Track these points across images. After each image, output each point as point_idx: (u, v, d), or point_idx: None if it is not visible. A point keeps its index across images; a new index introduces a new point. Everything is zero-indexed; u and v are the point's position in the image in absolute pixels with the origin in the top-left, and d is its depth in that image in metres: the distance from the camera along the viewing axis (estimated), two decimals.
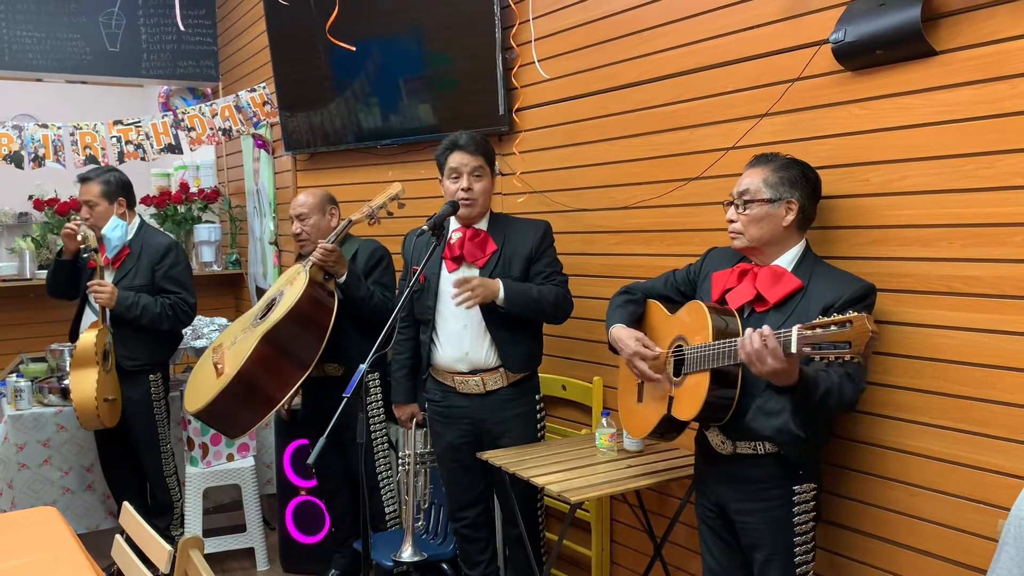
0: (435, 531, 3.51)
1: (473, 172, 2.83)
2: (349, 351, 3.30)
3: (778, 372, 1.86)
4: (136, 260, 3.68)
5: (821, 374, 1.96)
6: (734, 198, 2.19)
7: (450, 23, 3.60)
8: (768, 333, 1.85)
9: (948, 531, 2.10)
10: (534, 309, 2.82)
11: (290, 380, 3.09)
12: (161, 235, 3.85)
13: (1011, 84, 1.92)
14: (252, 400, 3.07)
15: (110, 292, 3.51)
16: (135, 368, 3.66)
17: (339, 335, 3.25)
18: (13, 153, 4.17)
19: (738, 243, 2.21)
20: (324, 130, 4.28)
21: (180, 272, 3.72)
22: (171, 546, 2.00)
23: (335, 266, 3.18)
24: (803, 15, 2.36)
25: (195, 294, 3.77)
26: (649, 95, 2.89)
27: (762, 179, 2.14)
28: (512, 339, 2.86)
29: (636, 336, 2.32)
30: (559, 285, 2.87)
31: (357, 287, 3.23)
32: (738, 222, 2.18)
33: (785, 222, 2.14)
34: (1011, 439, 1.96)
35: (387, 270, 3.43)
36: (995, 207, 1.97)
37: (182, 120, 4.47)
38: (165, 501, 3.86)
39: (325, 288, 3.21)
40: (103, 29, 5.24)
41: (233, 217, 5.63)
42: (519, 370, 2.89)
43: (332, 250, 3.15)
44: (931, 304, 2.11)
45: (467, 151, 2.83)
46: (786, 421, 2.02)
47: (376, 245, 3.46)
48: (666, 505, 3.00)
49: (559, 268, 2.92)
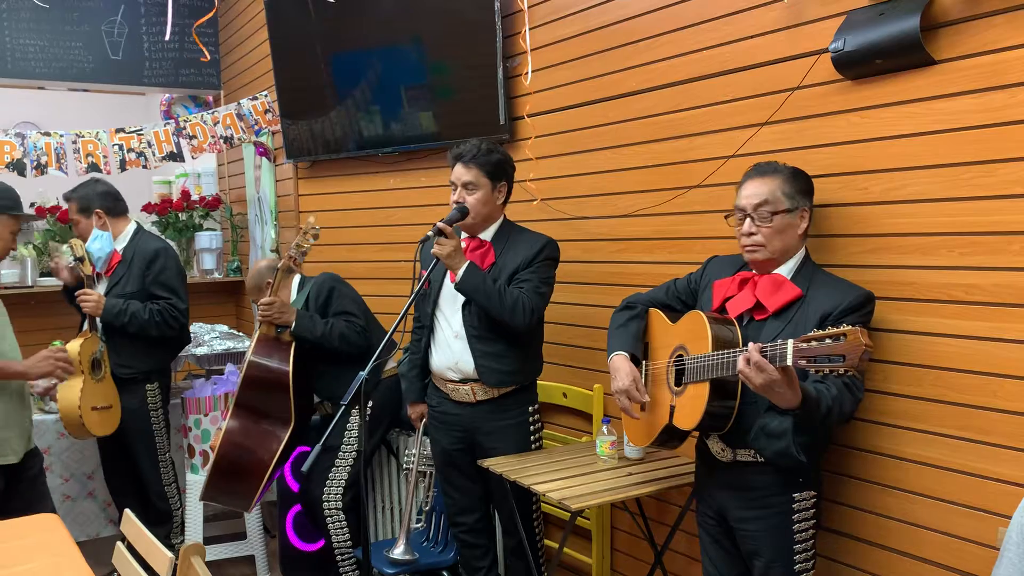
0: (435, 538, 3.50)
1: (466, 185, 2.80)
2: (332, 388, 3.32)
3: (773, 385, 1.85)
4: (128, 267, 3.68)
5: (822, 391, 1.95)
6: (748, 211, 2.14)
7: (451, 32, 3.62)
8: (753, 354, 1.85)
9: (948, 539, 2.10)
10: (490, 300, 2.70)
11: (274, 440, 3.15)
12: (153, 240, 3.82)
13: (1010, 93, 1.93)
14: (242, 471, 3.14)
15: (96, 301, 3.52)
16: (130, 376, 3.65)
17: (319, 377, 3.30)
18: (16, 161, 4.18)
19: (759, 255, 2.16)
20: (325, 138, 4.29)
21: (169, 276, 3.69)
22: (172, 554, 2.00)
23: (281, 317, 3.22)
24: (803, 24, 2.37)
25: (186, 298, 3.72)
26: (650, 103, 2.90)
27: (779, 190, 2.12)
28: (489, 354, 2.81)
29: (634, 377, 2.33)
30: (526, 292, 2.75)
31: (311, 328, 3.23)
32: (758, 235, 2.13)
33: (799, 231, 2.15)
34: (1011, 447, 1.96)
35: (341, 298, 3.37)
36: (994, 215, 1.98)
37: (184, 128, 4.48)
38: (164, 510, 3.85)
39: (281, 342, 3.24)
40: (105, 37, 5.26)
41: (234, 225, 5.63)
42: (496, 385, 2.84)
43: (269, 304, 3.21)
44: (931, 312, 2.11)
45: (462, 163, 2.81)
46: (788, 445, 2.01)
47: (322, 279, 3.42)
48: (667, 512, 3.00)
49: (540, 283, 2.79)
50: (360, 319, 3.33)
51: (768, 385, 1.86)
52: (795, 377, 1.87)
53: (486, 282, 2.71)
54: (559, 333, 3.30)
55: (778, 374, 1.84)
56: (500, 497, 2.88)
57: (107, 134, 4.34)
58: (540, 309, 2.81)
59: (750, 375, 1.87)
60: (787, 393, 1.87)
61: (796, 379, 1.87)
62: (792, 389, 1.87)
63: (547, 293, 2.84)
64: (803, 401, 1.89)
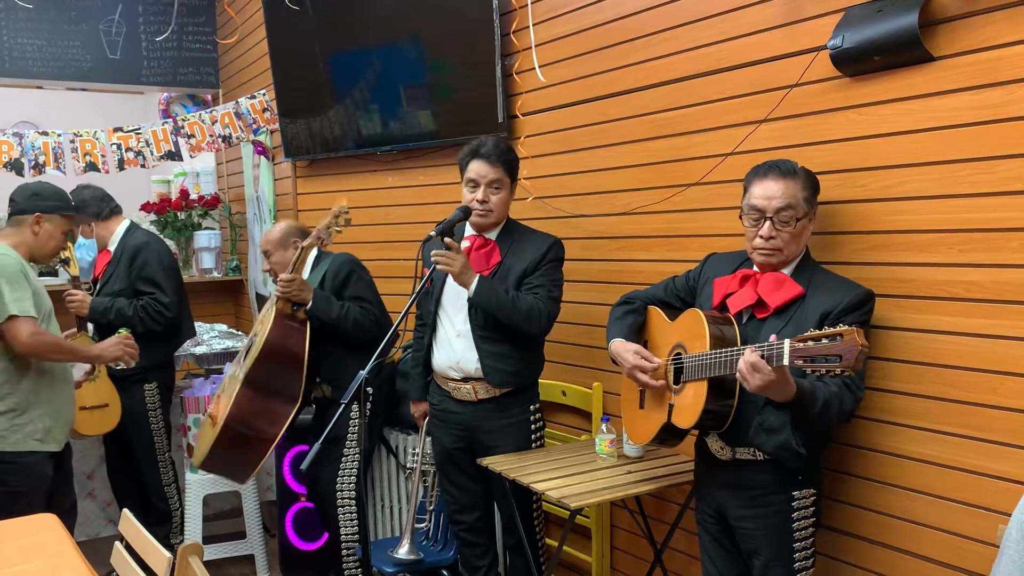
0: (435, 537, 3.50)
1: (491, 184, 2.77)
2: (340, 372, 3.30)
3: (770, 385, 1.86)
4: (116, 265, 3.69)
5: (819, 386, 1.96)
6: (768, 213, 2.09)
7: (450, 30, 3.61)
8: (751, 356, 1.86)
9: (948, 536, 2.10)
10: (504, 310, 2.71)
11: (281, 416, 3.14)
12: (140, 235, 3.79)
13: (1008, 90, 1.93)
14: (247, 443, 3.12)
15: (80, 300, 3.54)
16: (126, 374, 3.64)
17: (327, 359, 3.28)
18: (13, 160, 4.17)
19: (774, 260, 2.13)
20: (324, 137, 4.29)
21: (152, 271, 3.66)
22: (170, 553, 1.99)
23: (299, 295, 3.18)
24: (801, 21, 2.37)
25: (170, 292, 3.68)
26: (648, 101, 2.89)
27: (799, 193, 2.09)
28: (495, 354, 2.80)
29: (634, 349, 2.32)
30: (541, 299, 2.76)
31: (327, 309, 3.21)
32: (777, 239, 2.09)
33: (809, 233, 2.15)
34: (1011, 444, 1.96)
35: (358, 282, 3.35)
36: (993, 212, 1.97)
37: (182, 127, 4.48)
38: (163, 510, 3.85)
39: (296, 319, 3.22)
40: (103, 36, 5.25)
41: (233, 224, 5.63)
42: (501, 385, 2.84)
43: (290, 280, 3.16)
44: (930, 309, 2.11)
45: (487, 161, 2.77)
46: (787, 438, 2.02)
47: (343, 259, 3.40)
48: (666, 511, 3.00)
49: (552, 286, 2.81)
50: (374, 307, 3.32)
51: (765, 386, 1.86)
52: (787, 372, 1.87)
53: (499, 294, 2.71)
54: (558, 331, 3.29)
55: (775, 374, 1.84)
56: (500, 496, 2.87)
57: (105, 133, 4.34)
58: (555, 314, 2.81)
59: (747, 376, 1.87)
60: (782, 389, 1.88)
61: (788, 374, 1.88)
62: (786, 384, 1.88)
63: (559, 296, 2.84)
64: (797, 393, 1.90)
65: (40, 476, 2.95)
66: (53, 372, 3.01)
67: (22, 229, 3.03)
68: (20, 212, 3.04)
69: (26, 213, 3.04)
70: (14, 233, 3.03)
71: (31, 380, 2.92)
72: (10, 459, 2.87)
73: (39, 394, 2.94)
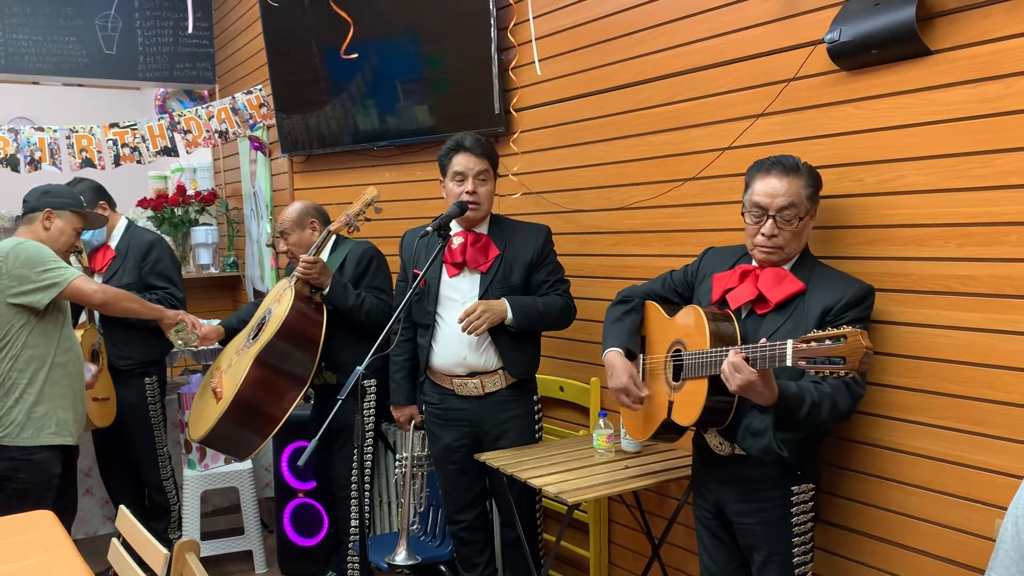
0: (432, 533, 3.50)
1: (478, 175, 2.81)
2: (347, 359, 3.28)
3: (751, 386, 1.86)
4: (123, 260, 3.71)
5: (808, 388, 1.95)
6: (772, 211, 2.07)
7: (446, 24, 3.60)
8: (731, 355, 1.88)
9: (945, 531, 2.10)
10: (541, 323, 2.86)
11: (288, 396, 3.11)
12: (146, 233, 3.86)
13: (1006, 83, 1.92)
14: (254, 421, 3.09)
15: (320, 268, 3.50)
16: (128, 367, 3.66)
17: (335, 343, 3.25)
18: (9, 156, 4.16)
19: (775, 258, 2.12)
20: (321, 132, 4.28)
21: (165, 266, 3.74)
22: (168, 550, 1.99)
23: (319, 278, 3.17)
24: (798, 15, 2.36)
25: (183, 288, 3.77)
26: (645, 95, 2.89)
27: (802, 191, 2.08)
28: (516, 346, 2.85)
29: (631, 373, 2.32)
30: (563, 294, 2.89)
31: (343, 297, 3.20)
32: (779, 237, 2.08)
33: (809, 228, 2.15)
34: (1008, 438, 1.96)
35: (379, 272, 3.38)
36: (991, 206, 1.97)
37: (178, 122, 4.46)
38: (162, 504, 3.86)
39: (313, 301, 3.21)
40: (99, 32, 5.23)
41: (230, 219, 5.62)
42: (521, 374, 2.89)
43: (313, 263, 3.15)
44: (928, 304, 2.11)
45: (472, 154, 2.81)
46: (770, 441, 2.03)
47: (365, 247, 3.41)
48: (664, 506, 3.00)
49: (561, 274, 2.93)
50: (390, 300, 3.31)
51: (747, 386, 1.86)
52: (771, 376, 1.87)
53: (532, 314, 2.81)
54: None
55: (756, 375, 1.84)
56: (500, 491, 2.87)
57: (101, 129, 4.32)
58: (573, 299, 2.93)
59: (728, 376, 1.88)
60: (764, 392, 1.88)
61: (772, 377, 1.88)
62: (768, 388, 1.88)
63: (568, 280, 2.95)
64: (780, 398, 1.90)
65: (49, 474, 2.99)
66: (67, 365, 3.07)
67: (34, 226, 3.14)
68: (32, 210, 3.15)
69: (37, 210, 3.14)
70: (27, 231, 3.14)
71: (47, 372, 2.98)
72: (20, 455, 2.91)
73: (56, 385, 3.00)
